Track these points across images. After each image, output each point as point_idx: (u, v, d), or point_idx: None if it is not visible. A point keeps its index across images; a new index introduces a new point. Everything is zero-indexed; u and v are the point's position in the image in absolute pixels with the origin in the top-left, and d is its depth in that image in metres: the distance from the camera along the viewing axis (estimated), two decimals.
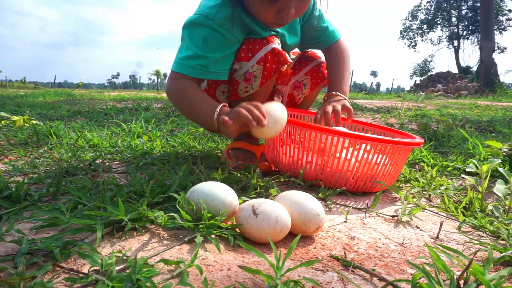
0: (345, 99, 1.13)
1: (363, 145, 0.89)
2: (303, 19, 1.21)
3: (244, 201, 0.72)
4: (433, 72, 24.63)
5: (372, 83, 30.89)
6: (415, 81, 22.79)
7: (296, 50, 1.36)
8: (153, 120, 2.07)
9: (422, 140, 0.97)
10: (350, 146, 0.91)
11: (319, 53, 1.34)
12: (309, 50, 1.36)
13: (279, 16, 0.96)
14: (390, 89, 27.97)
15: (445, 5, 25.71)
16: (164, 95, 9.71)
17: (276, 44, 1.04)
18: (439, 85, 13.99)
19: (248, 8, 1.01)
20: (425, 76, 22.66)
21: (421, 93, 10.97)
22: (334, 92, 1.16)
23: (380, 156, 0.91)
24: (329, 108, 1.04)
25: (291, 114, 1.30)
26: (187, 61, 0.98)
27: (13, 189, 0.76)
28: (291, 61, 1.04)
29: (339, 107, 1.05)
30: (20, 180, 0.90)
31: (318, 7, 1.20)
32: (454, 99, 8.94)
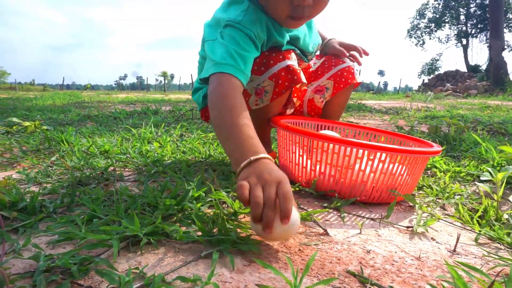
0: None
1: (378, 155, 0.88)
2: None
3: None
4: (441, 71, 24.42)
5: (379, 82, 30.71)
6: (423, 80, 22.60)
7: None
8: (163, 124, 2.08)
9: (440, 148, 0.96)
10: (366, 156, 0.89)
11: (343, 58, 1.32)
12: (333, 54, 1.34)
13: (293, 6, 0.90)
14: (397, 88, 27.78)
15: (453, 3, 25.45)
16: (172, 96, 9.76)
17: (293, 60, 1.03)
18: (448, 84, 13.86)
19: (266, 8, 0.97)
20: (433, 75, 22.47)
21: (429, 92, 10.87)
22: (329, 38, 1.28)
23: (397, 165, 0.89)
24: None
25: (322, 125, 1.30)
26: (226, 58, 0.88)
27: (28, 201, 0.77)
28: (304, 81, 1.04)
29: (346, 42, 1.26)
30: (34, 189, 0.91)
31: None
32: (463, 98, 8.85)
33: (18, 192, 0.80)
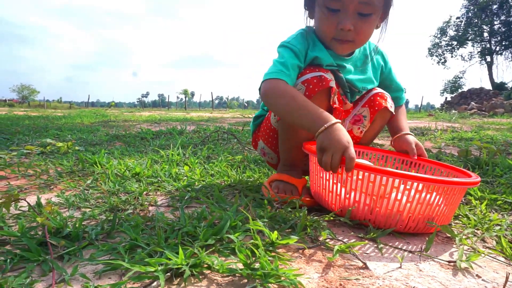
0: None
1: (415, 185, 0.87)
2: (382, 71, 1.31)
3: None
4: (465, 88, 23.94)
5: None
6: (446, 98, 22.19)
7: None
8: (190, 146, 2.11)
9: (479, 179, 0.93)
10: (402, 184, 0.88)
11: (376, 87, 1.31)
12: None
13: (338, 29, 1.04)
14: (419, 106, 27.35)
15: (476, 20, 25.12)
16: (193, 114, 9.95)
17: (327, 75, 1.09)
18: (473, 103, 13.54)
19: (316, 30, 1.14)
20: (457, 93, 22.05)
21: (453, 111, 10.65)
22: (406, 132, 1.27)
23: (434, 195, 0.88)
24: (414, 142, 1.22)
25: (356, 151, 1.28)
26: (272, 69, 1.08)
27: (71, 227, 0.79)
28: (334, 86, 1.08)
29: (420, 144, 1.23)
30: (74, 214, 0.94)
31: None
32: (489, 117, 8.62)
33: (62, 218, 0.83)
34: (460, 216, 1.08)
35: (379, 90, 1.28)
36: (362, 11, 1.02)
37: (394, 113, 1.29)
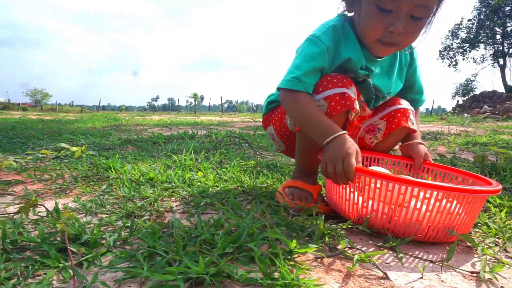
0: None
1: (435, 194, 0.85)
2: (408, 68, 1.22)
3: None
4: (477, 91, 23.62)
5: None
6: (457, 101, 21.91)
7: None
8: (202, 151, 2.12)
9: (500, 187, 0.91)
10: (421, 192, 0.87)
11: (401, 100, 1.25)
12: (393, 99, 1.28)
13: (386, 31, 0.96)
14: (430, 109, 27.04)
15: (488, 22, 24.80)
16: (203, 118, 10.00)
17: (350, 90, 1.03)
18: (485, 106, 13.33)
19: (356, 25, 1.04)
20: (468, 96, 21.74)
21: (466, 115, 10.50)
22: (420, 141, 1.24)
23: (455, 204, 0.86)
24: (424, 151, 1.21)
25: (372, 158, 1.28)
26: (287, 76, 1.04)
27: (89, 234, 0.80)
28: (357, 108, 1.03)
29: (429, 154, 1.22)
30: (91, 220, 0.94)
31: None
32: (503, 121, 8.47)
33: (80, 224, 0.83)
34: (479, 224, 1.06)
35: (403, 105, 1.22)
36: (415, 14, 0.93)
37: (414, 129, 1.22)
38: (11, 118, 7.87)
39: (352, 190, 0.96)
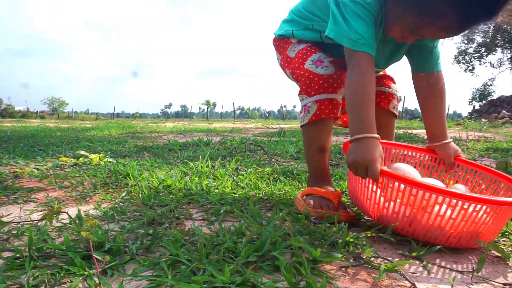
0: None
1: (460, 203, 0.83)
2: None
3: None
4: (494, 96, 23.14)
5: None
6: (474, 106, 21.50)
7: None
8: (219, 158, 2.12)
9: None
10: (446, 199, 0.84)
11: (391, 84, 1.30)
12: (386, 79, 1.31)
13: (411, 37, 0.99)
14: (446, 115, 26.49)
15: (505, 26, 24.31)
16: (216, 125, 10.05)
17: (339, 97, 1.12)
18: (504, 111, 13.03)
19: (387, 11, 1.00)
20: (485, 101, 21.33)
21: (483, 120, 10.28)
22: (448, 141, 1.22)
23: (481, 214, 0.83)
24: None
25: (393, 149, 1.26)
26: (350, 35, 0.97)
27: (112, 242, 0.80)
28: (339, 116, 1.16)
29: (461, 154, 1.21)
30: (113, 227, 0.95)
31: None
32: None
33: (103, 232, 0.84)
34: (507, 233, 1.02)
35: (392, 91, 1.28)
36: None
37: (395, 113, 1.29)
38: (30, 126, 8.06)
39: (374, 190, 0.94)
